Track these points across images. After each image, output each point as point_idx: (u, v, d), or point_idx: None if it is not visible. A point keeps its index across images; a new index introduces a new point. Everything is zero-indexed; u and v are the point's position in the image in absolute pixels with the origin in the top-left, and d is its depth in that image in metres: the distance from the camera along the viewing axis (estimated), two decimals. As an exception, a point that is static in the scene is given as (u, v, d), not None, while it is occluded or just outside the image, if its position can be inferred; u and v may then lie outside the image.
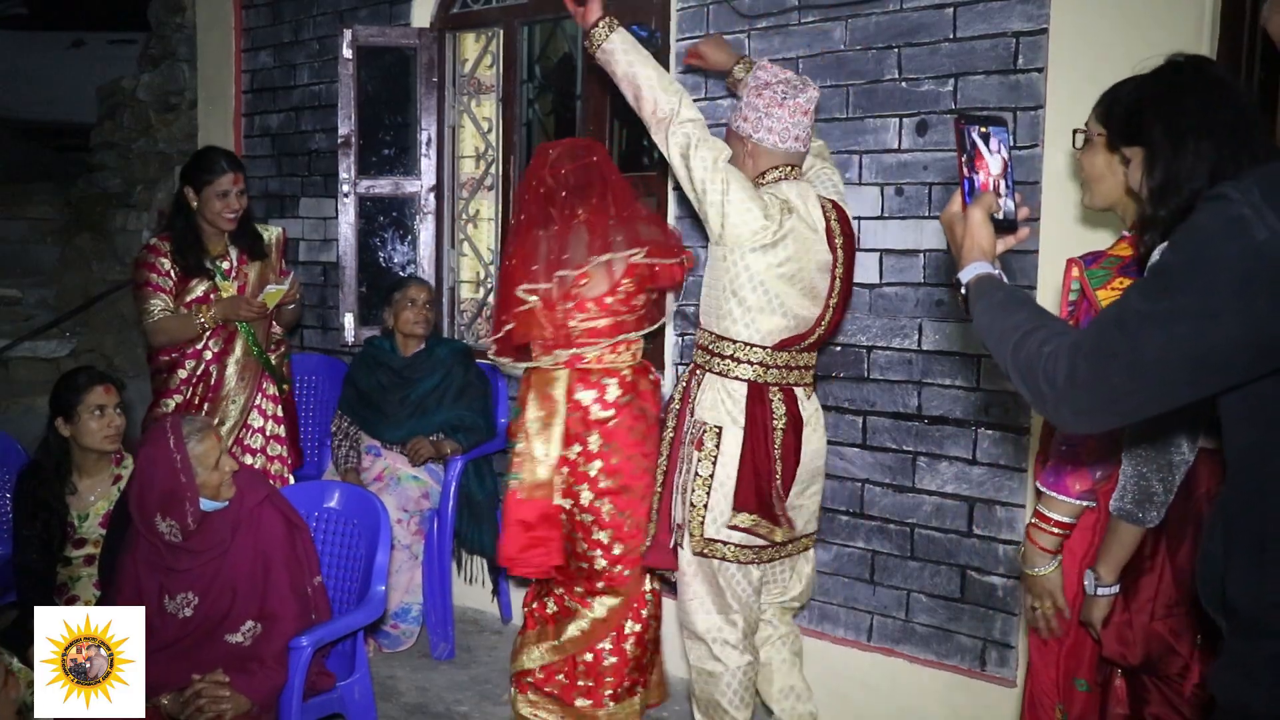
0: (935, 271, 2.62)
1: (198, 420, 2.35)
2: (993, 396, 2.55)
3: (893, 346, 2.70)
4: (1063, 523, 1.72)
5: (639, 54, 2.28)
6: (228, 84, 4.36)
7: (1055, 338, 1.11)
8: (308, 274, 4.11)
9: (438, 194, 3.77)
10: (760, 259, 2.20)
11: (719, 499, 2.26)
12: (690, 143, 2.22)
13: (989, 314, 1.25)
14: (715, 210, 2.20)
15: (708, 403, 2.30)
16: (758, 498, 2.25)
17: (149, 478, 2.21)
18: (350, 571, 2.54)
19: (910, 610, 2.72)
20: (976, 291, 1.31)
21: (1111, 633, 1.68)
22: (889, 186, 2.67)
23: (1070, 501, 1.70)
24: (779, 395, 2.29)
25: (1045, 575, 1.75)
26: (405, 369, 3.34)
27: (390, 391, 3.32)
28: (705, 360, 2.33)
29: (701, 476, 2.27)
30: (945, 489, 2.63)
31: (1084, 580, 1.69)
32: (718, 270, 2.27)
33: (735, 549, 2.29)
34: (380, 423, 3.31)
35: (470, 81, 3.75)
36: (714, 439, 2.27)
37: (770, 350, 2.28)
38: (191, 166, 3.03)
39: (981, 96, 2.51)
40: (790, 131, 2.29)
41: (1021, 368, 1.13)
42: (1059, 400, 1.08)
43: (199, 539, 2.23)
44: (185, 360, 2.98)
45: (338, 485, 2.76)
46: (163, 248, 2.99)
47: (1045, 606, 1.77)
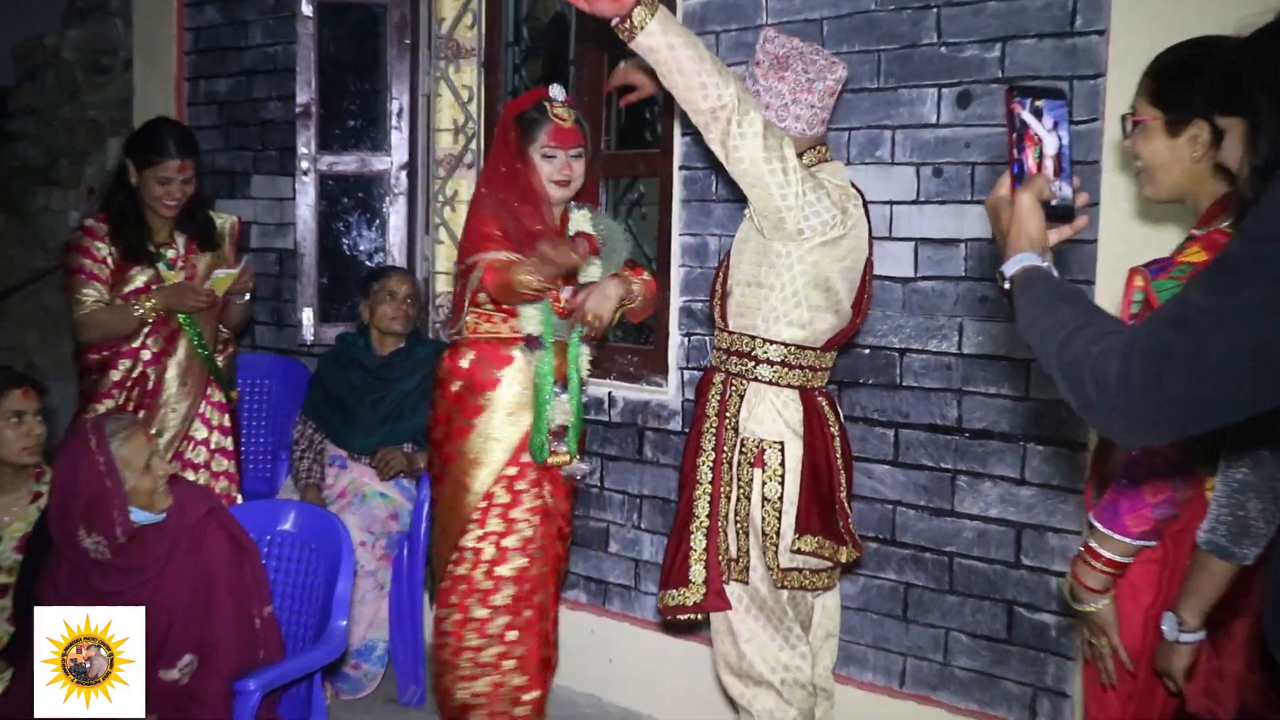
0: (978, 264, 2.60)
1: (123, 418, 2.32)
2: (1044, 407, 2.53)
3: (929, 349, 2.67)
4: (1115, 561, 1.72)
5: (684, 35, 2.16)
6: (168, 42, 4.32)
7: (1106, 336, 1.10)
8: (261, 263, 4.07)
9: (410, 172, 3.75)
10: (827, 254, 2.24)
11: (789, 523, 2.27)
12: (763, 135, 2.15)
13: (1033, 310, 1.25)
14: (793, 206, 2.18)
15: (762, 416, 2.29)
16: (821, 517, 2.27)
17: (70, 486, 2.19)
18: (307, 603, 2.50)
19: (949, 652, 2.69)
20: (1021, 286, 1.30)
21: (1198, 685, 1.65)
22: (925, 166, 2.65)
23: (1126, 542, 1.70)
24: (824, 400, 2.36)
25: (1096, 613, 1.76)
26: (380, 369, 3.32)
27: (362, 393, 3.30)
28: (745, 367, 2.32)
29: (770, 500, 2.27)
30: (989, 513, 2.61)
31: (1163, 625, 1.65)
32: (771, 268, 2.26)
33: (811, 575, 2.32)
34: (349, 429, 3.29)
35: (448, 44, 3.71)
36: (778, 455, 2.27)
37: (818, 352, 2.33)
38: (136, 140, 3.03)
39: (1033, 63, 2.48)
40: (819, 115, 2.32)
41: (1067, 369, 1.12)
42: (1109, 407, 1.07)
43: (130, 556, 2.20)
44: (119, 359, 2.95)
45: (293, 505, 2.73)
46: (99, 229, 2.97)
47: (1102, 644, 1.77)
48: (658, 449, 3.15)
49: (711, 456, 2.33)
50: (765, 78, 2.28)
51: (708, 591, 2.31)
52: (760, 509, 2.28)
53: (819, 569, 2.33)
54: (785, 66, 2.27)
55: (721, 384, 2.36)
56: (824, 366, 2.36)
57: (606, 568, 3.29)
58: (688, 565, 2.33)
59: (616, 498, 3.26)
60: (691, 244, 3.06)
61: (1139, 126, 1.72)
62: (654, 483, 3.16)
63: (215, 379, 3.08)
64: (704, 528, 2.33)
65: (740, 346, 2.33)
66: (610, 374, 3.26)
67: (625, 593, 3.26)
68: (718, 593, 2.31)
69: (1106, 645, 1.76)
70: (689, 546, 2.34)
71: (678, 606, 2.34)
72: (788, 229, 2.21)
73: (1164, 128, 1.68)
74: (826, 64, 2.29)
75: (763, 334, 2.29)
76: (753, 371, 2.31)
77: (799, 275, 2.24)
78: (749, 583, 2.31)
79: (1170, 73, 1.69)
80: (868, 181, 2.69)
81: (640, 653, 3.19)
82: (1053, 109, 1.38)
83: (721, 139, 2.16)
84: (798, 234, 2.21)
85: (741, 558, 2.30)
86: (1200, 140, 1.66)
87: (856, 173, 2.70)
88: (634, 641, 3.21)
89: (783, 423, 2.28)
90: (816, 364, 2.34)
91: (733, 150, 2.16)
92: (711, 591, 2.31)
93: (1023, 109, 1.38)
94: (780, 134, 2.21)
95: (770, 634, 2.31)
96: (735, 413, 2.31)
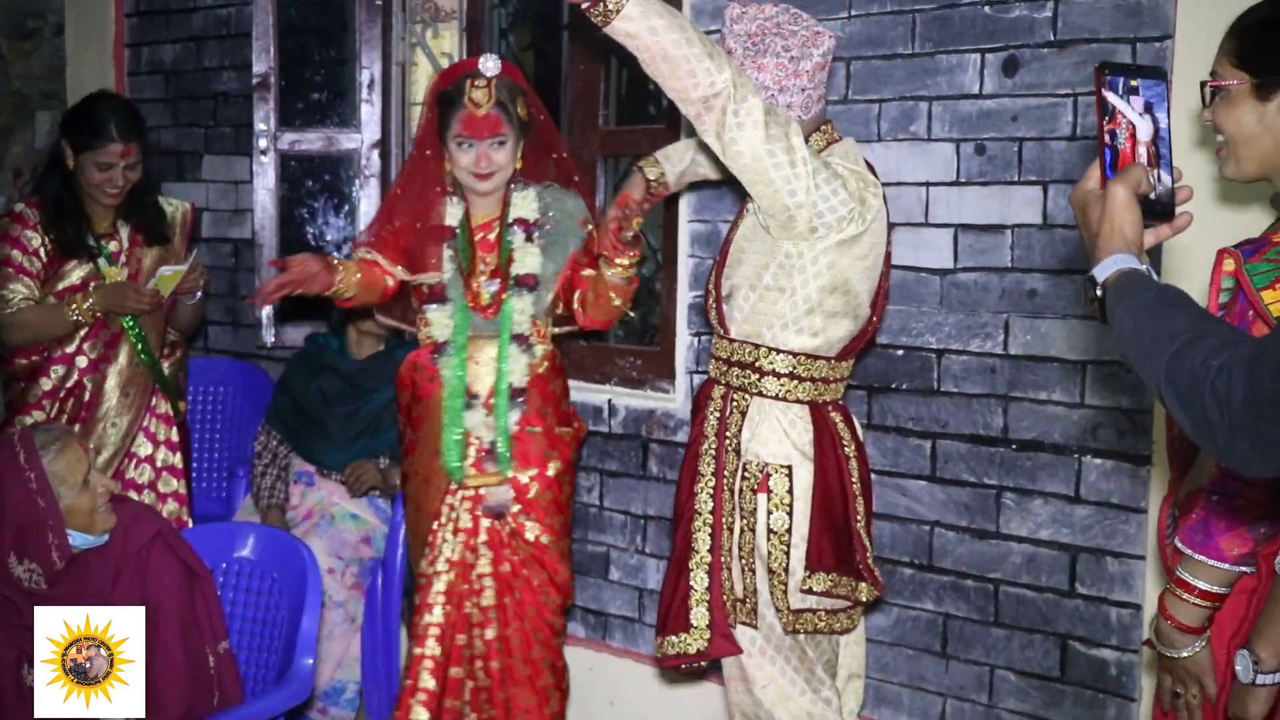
0: (1026, 253, 2.61)
1: (54, 428, 2.33)
2: (1103, 415, 2.54)
3: (970, 350, 2.69)
4: (1211, 593, 1.70)
5: (669, 16, 2.06)
6: (105, 3, 4.34)
7: (1228, 348, 1.08)
8: (214, 254, 4.10)
9: (383, 151, 3.76)
10: (846, 253, 2.23)
11: (799, 558, 2.26)
12: (764, 123, 2.11)
13: (1134, 320, 1.22)
14: (804, 203, 2.16)
15: (766, 436, 2.29)
16: (835, 551, 2.25)
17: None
18: (268, 639, 2.52)
19: (995, 692, 2.70)
20: (1117, 292, 1.28)
21: None
22: (967, 143, 2.66)
23: (1223, 568, 1.68)
24: (838, 416, 2.34)
25: (1191, 658, 1.74)
26: (356, 375, 3.35)
27: (335, 403, 3.32)
28: (747, 380, 2.32)
29: (777, 532, 2.26)
30: (1040, 535, 2.62)
31: (1236, 664, 1.66)
32: (781, 269, 2.25)
33: (828, 616, 2.30)
34: (319, 442, 3.31)
35: (426, 6, 3.74)
36: (785, 481, 2.26)
37: (832, 361, 2.32)
38: (72, 118, 3.04)
39: (1090, 24, 2.49)
40: (813, 95, 2.28)
41: (1181, 388, 1.10)
42: (1233, 431, 1.05)
43: (68, 586, 2.21)
44: (51, 366, 2.97)
45: (253, 528, 2.75)
46: (31, 217, 2.98)
47: (1191, 694, 1.75)
48: (664, 463, 3.17)
49: (711, 482, 2.32)
50: (743, 68, 2.21)
51: (713, 635, 2.29)
52: (766, 542, 2.27)
53: (836, 609, 2.31)
54: (763, 50, 2.22)
55: (721, 398, 2.35)
56: (838, 378, 2.36)
57: (607, 598, 3.32)
58: (688, 607, 2.30)
59: (618, 518, 3.28)
60: (702, 231, 3.08)
61: (1221, 92, 1.69)
62: (660, 501, 3.18)
63: (161, 388, 3.10)
64: (705, 564, 2.31)
65: (743, 356, 2.32)
66: (610, 379, 3.29)
67: (628, 625, 3.28)
68: (725, 636, 2.29)
69: (1198, 695, 1.74)
70: (689, 586, 2.31)
71: (679, 655, 2.31)
72: (799, 228, 2.19)
73: (1252, 93, 1.65)
74: (809, 35, 2.24)
75: (769, 342, 2.28)
76: (757, 384, 2.30)
77: (813, 279, 2.23)
78: (759, 624, 2.30)
79: (1260, 29, 1.66)
80: (901, 160, 2.72)
81: (645, 694, 3.22)
82: (1150, 90, 1.38)
83: (716, 131, 2.11)
84: (810, 232, 2.19)
85: (749, 598, 2.29)
86: None
87: (888, 150, 2.73)
88: (637, 681, 3.23)
89: (790, 443, 2.27)
90: (830, 375, 2.33)
91: (729, 144, 2.12)
92: (717, 635, 2.29)
93: (1114, 90, 1.38)
94: (786, 119, 2.16)
95: (790, 678, 2.31)
96: (736, 432, 2.30)
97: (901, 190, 2.70)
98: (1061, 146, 2.54)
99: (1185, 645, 1.73)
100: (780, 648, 2.31)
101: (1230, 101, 1.68)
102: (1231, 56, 1.67)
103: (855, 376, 2.62)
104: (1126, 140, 1.38)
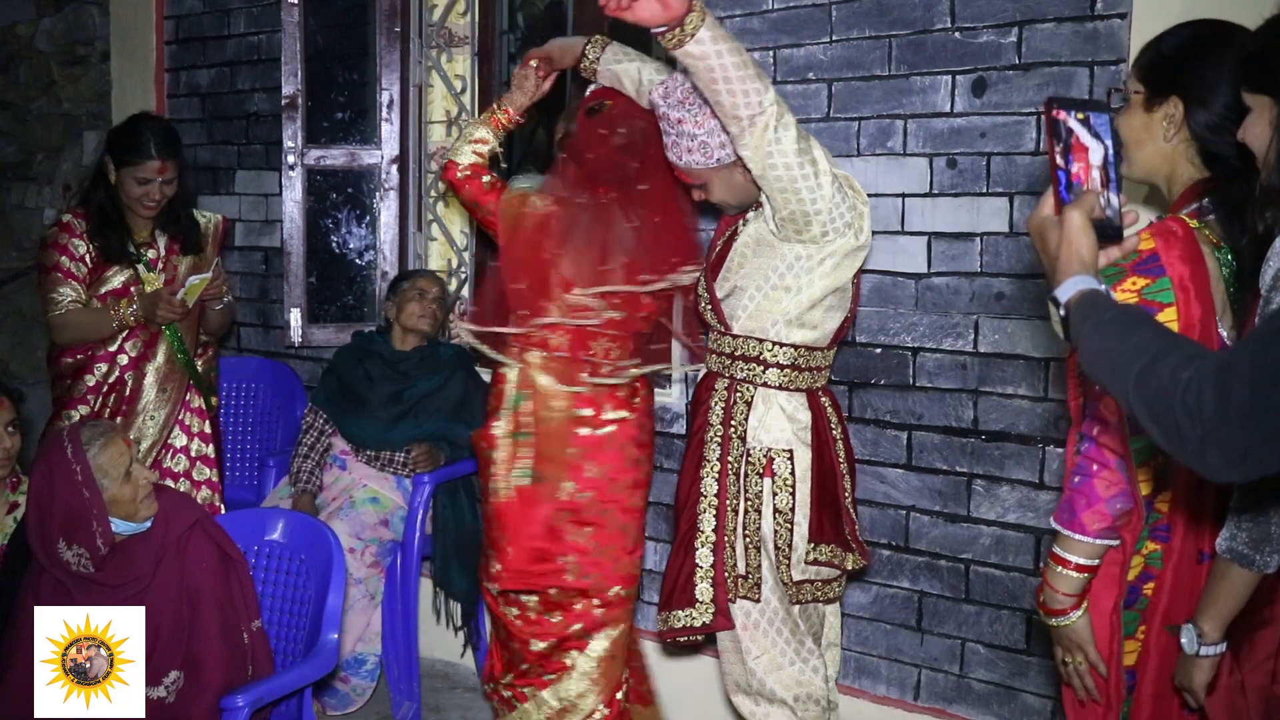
0: (994, 259, 2.60)
1: (100, 424, 2.32)
2: (1064, 408, 2.52)
3: (943, 348, 2.69)
4: (1084, 565, 1.71)
5: (729, 40, 2.09)
6: (147, 32, 4.33)
7: (1194, 361, 1.06)
8: (246, 261, 4.08)
9: (401, 166, 3.75)
10: (849, 256, 2.28)
11: (801, 535, 2.29)
12: (797, 138, 2.15)
13: (1100, 338, 1.19)
14: (822, 210, 2.19)
15: (771, 423, 2.31)
16: (832, 524, 2.29)
17: (47, 497, 2.19)
18: (296, 616, 2.51)
19: (966, 663, 2.70)
20: (1081, 312, 1.26)
21: (1219, 700, 1.64)
22: (939, 157, 2.66)
23: (1088, 542, 1.69)
24: (827, 400, 2.39)
25: (1071, 625, 1.74)
26: (401, 362, 3.36)
27: (380, 385, 3.32)
28: (752, 372, 2.33)
29: (782, 511, 2.29)
30: (1007, 518, 2.62)
31: (1181, 637, 1.65)
32: (790, 270, 2.27)
33: (823, 585, 2.35)
34: (363, 420, 3.30)
35: (440, 32, 3.72)
36: (787, 464, 2.29)
37: (824, 351, 2.37)
38: (115, 137, 3.05)
39: (1051, 49, 2.49)
40: None
41: (1151, 401, 1.08)
42: (1205, 440, 1.03)
43: (114, 570, 2.21)
44: (95, 364, 2.97)
45: (282, 514, 2.73)
46: (77, 226, 2.99)
47: (1077, 661, 1.75)
48: (661, 454, 3.15)
49: (717, 468, 2.33)
50: (698, 125, 2.26)
51: (715, 611, 2.31)
52: (771, 522, 2.29)
53: (829, 579, 2.35)
54: (701, 104, 2.24)
55: (726, 390, 2.36)
56: (828, 365, 2.41)
57: (608, 578, 3.29)
58: (693, 584, 2.32)
59: (618, 505, 3.26)
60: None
61: (1125, 101, 1.76)
62: (657, 490, 3.15)
63: (195, 385, 3.10)
64: (710, 543, 2.32)
65: (747, 350, 2.34)
66: (611, 375, 3.27)
67: (628, 604, 3.26)
68: (724, 612, 2.31)
69: (1083, 661, 1.75)
70: (694, 564, 2.32)
71: (685, 628, 2.33)
72: (812, 232, 2.22)
73: (1142, 102, 1.71)
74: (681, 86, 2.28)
75: (773, 337, 2.30)
76: (761, 376, 2.32)
77: (819, 279, 2.26)
78: (760, 599, 2.31)
79: (1158, 48, 1.72)
80: (879, 173, 2.71)
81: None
82: (1096, 120, 1.36)
83: (757, 144, 2.13)
84: (821, 237, 2.22)
85: (752, 574, 2.31)
86: (1174, 119, 1.69)
87: (867, 164, 2.73)
88: (637, 655, 3.22)
89: (791, 430, 2.30)
90: (823, 364, 2.38)
91: (767, 156, 2.13)
92: (718, 610, 2.31)
93: (1068, 120, 1.36)
94: (807, 134, 2.21)
95: (781, 649, 2.33)
96: (742, 420, 2.31)
97: (879, 201, 2.70)
98: (1026, 161, 2.54)
99: (1064, 617, 1.73)
100: (774, 620, 2.32)
101: (1129, 109, 1.75)
102: (1136, 69, 1.74)
103: (837, 372, 2.62)
104: (1080, 165, 1.36)
